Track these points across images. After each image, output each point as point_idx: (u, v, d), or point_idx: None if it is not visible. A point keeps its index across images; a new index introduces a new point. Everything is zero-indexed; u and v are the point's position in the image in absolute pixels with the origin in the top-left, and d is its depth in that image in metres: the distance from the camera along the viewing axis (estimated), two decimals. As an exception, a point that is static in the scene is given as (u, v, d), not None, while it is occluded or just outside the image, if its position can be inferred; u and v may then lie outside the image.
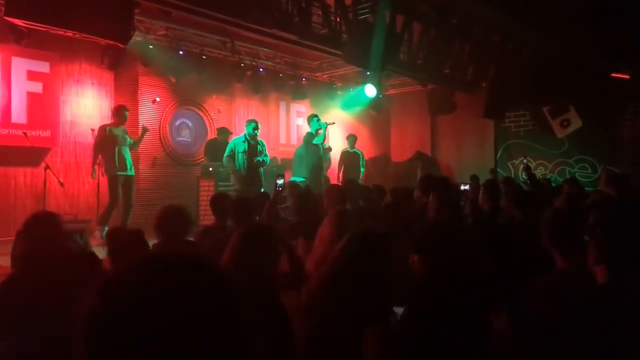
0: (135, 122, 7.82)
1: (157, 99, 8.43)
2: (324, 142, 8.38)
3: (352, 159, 9.79)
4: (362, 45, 6.80)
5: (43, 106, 7.39)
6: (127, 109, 7.19)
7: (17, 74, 7.14)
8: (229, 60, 9.18)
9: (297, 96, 10.37)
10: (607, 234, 1.80)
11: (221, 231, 3.67)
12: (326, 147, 8.79)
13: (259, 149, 7.26)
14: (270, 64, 9.84)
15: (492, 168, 10.44)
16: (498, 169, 10.89)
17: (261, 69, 9.55)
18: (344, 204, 4.27)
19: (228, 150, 7.18)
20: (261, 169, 7.33)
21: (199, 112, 9.17)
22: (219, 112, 9.39)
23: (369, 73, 9.19)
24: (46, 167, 6.62)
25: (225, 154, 7.19)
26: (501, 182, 5.93)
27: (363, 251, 2.11)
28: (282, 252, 2.50)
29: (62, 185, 6.81)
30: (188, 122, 9.05)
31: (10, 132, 6.98)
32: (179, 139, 8.88)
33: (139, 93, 8.23)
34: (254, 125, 7.23)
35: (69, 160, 7.75)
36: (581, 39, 8.02)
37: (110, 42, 6.37)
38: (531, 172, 8.97)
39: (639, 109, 9.51)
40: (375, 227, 3.25)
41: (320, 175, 8.39)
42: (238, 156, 7.07)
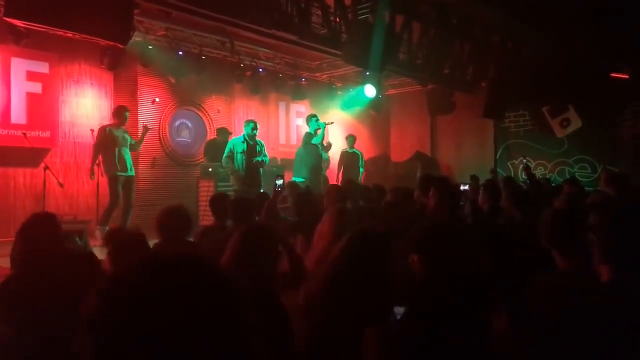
0: (134, 123, 7.82)
1: (157, 100, 8.43)
2: (323, 140, 8.38)
3: (351, 159, 9.80)
4: (362, 46, 6.80)
5: (42, 107, 7.38)
6: (127, 109, 7.17)
7: (17, 75, 7.14)
8: (228, 60, 9.18)
9: (296, 96, 10.37)
10: (612, 232, 1.80)
11: (221, 231, 3.67)
12: (326, 145, 8.76)
13: (257, 149, 7.26)
14: (270, 64, 9.84)
15: (492, 168, 10.44)
16: (498, 168, 10.89)
17: (261, 69, 9.55)
18: (344, 203, 4.27)
19: (227, 151, 7.18)
20: (260, 169, 7.33)
21: (198, 112, 9.16)
22: (219, 113, 9.39)
23: (368, 73, 9.19)
24: (46, 168, 6.62)
25: (224, 155, 7.19)
26: (501, 182, 5.92)
27: (363, 251, 2.11)
28: (282, 252, 2.50)
29: (61, 185, 6.81)
30: (187, 123, 9.04)
31: (10, 133, 6.98)
32: (178, 139, 8.88)
33: (138, 93, 8.22)
34: (252, 125, 7.23)
35: (68, 160, 7.75)
36: (581, 39, 8.02)
37: (109, 43, 6.38)
38: (531, 172, 9.01)
39: (638, 108, 9.52)
40: (375, 227, 3.25)
41: (320, 175, 8.40)
42: (237, 156, 7.07)
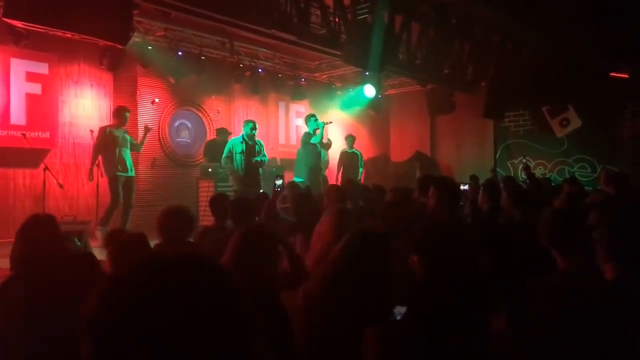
0: (134, 123, 7.82)
1: (156, 100, 8.42)
2: (322, 140, 8.36)
3: (351, 159, 9.80)
4: (361, 46, 6.81)
5: (42, 107, 7.38)
6: (127, 110, 7.16)
7: (16, 75, 7.14)
8: (228, 60, 9.18)
9: (296, 96, 10.37)
10: (617, 231, 1.80)
11: (221, 232, 3.67)
12: (326, 143, 8.72)
13: (257, 149, 7.25)
14: (269, 64, 9.84)
15: (493, 168, 10.45)
16: (497, 168, 10.89)
17: (260, 70, 9.55)
18: (344, 203, 4.27)
19: (226, 151, 7.18)
20: (260, 169, 7.33)
21: (198, 112, 9.16)
22: (218, 113, 9.39)
23: (368, 73, 9.19)
24: (45, 169, 6.61)
25: (224, 155, 7.19)
26: (501, 182, 5.92)
27: (363, 251, 2.11)
28: (282, 252, 2.50)
29: (61, 186, 6.80)
30: (187, 123, 9.04)
31: (9, 134, 6.98)
32: (178, 139, 8.88)
33: (138, 94, 8.22)
34: (251, 125, 7.22)
35: (68, 161, 7.75)
36: (581, 39, 8.02)
37: (109, 43, 6.36)
38: (530, 171, 9.00)
39: (638, 108, 9.52)
40: (375, 227, 3.25)
41: (319, 175, 8.39)
42: (236, 157, 7.07)
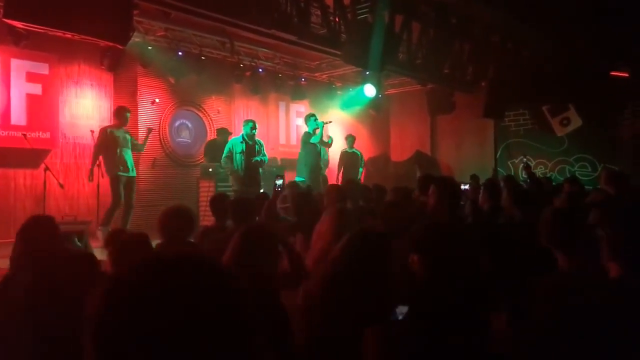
0: (134, 124, 7.82)
1: (157, 100, 8.43)
2: (323, 138, 8.36)
3: (351, 159, 9.80)
4: (361, 45, 6.80)
5: (42, 108, 7.39)
6: (128, 110, 7.16)
7: (16, 76, 7.14)
8: (228, 60, 9.18)
9: (296, 96, 10.37)
10: (622, 229, 1.79)
11: (221, 232, 3.67)
12: (327, 142, 8.71)
13: (257, 148, 7.25)
14: (270, 64, 9.84)
15: (494, 167, 10.44)
16: (498, 168, 10.89)
17: (260, 70, 9.55)
18: (344, 203, 4.27)
19: (226, 151, 7.17)
20: (260, 169, 7.32)
21: (198, 112, 9.16)
22: (219, 113, 9.39)
23: (368, 73, 9.20)
24: (46, 169, 6.61)
25: (224, 155, 7.19)
26: (501, 181, 5.92)
27: (363, 251, 2.11)
28: (282, 252, 2.50)
29: (62, 186, 6.80)
30: (187, 123, 9.04)
31: (10, 134, 6.98)
32: (178, 139, 8.88)
33: (138, 94, 8.22)
34: (251, 125, 7.22)
35: (68, 161, 7.75)
36: (581, 39, 8.02)
37: (109, 44, 6.37)
38: (531, 171, 8.99)
39: (638, 108, 9.52)
40: (376, 227, 3.25)
41: (319, 174, 8.39)
42: (236, 157, 7.06)
